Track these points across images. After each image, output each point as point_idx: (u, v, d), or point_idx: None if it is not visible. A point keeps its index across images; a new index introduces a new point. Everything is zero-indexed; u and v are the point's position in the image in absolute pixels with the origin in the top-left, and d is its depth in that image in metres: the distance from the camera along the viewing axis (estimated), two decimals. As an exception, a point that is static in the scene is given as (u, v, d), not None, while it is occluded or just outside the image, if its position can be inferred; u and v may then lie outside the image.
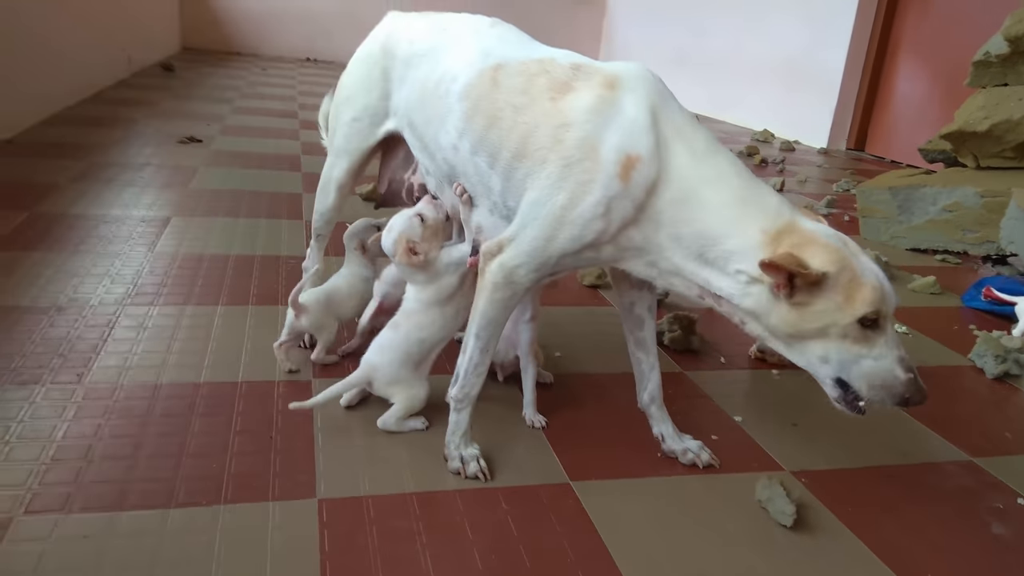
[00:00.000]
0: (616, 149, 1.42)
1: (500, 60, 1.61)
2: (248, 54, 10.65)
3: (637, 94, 1.47)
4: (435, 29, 1.79)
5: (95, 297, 2.29)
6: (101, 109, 5.34)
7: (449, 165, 1.69)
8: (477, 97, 1.59)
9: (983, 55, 3.74)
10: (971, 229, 3.61)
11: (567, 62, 1.56)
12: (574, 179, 1.44)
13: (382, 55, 1.86)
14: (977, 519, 1.68)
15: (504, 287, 1.53)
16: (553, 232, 1.47)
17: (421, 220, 1.76)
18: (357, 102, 1.92)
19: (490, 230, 1.65)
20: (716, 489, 1.68)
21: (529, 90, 1.53)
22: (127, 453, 1.57)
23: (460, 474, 1.61)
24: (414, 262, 1.76)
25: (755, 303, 1.40)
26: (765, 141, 7.22)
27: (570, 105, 1.48)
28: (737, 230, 1.40)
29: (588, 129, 1.44)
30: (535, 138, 1.49)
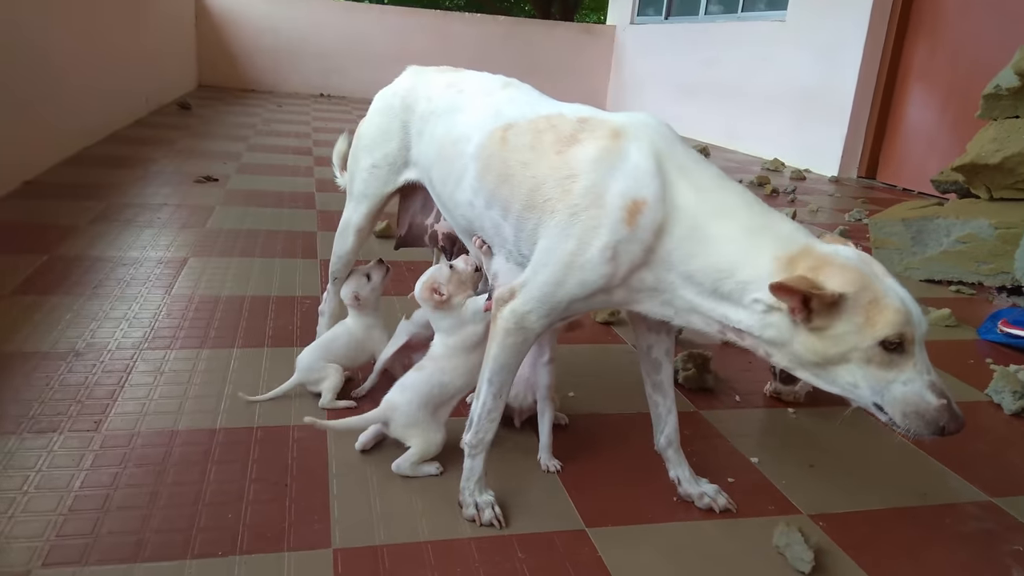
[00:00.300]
0: (621, 195, 1.45)
1: (510, 120, 1.66)
2: (264, 91, 10.83)
3: (640, 141, 1.49)
4: (452, 89, 1.85)
5: (113, 342, 2.32)
6: (119, 149, 5.44)
7: (467, 220, 1.75)
8: (488, 156, 1.65)
9: (994, 88, 3.75)
10: (985, 260, 3.59)
11: (574, 116, 1.60)
12: (581, 226, 1.47)
13: (402, 109, 1.93)
14: (998, 563, 1.65)
15: (516, 332, 1.55)
16: (562, 277, 1.49)
17: (451, 268, 1.85)
18: (376, 151, 1.98)
19: (506, 276, 1.69)
20: (733, 535, 1.67)
21: (537, 146, 1.58)
22: (144, 503, 1.58)
23: (475, 521, 1.61)
24: (435, 300, 1.82)
25: (776, 332, 1.38)
26: (776, 170, 7.24)
27: (575, 157, 1.51)
28: (749, 260, 1.39)
29: (593, 178, 1.47)
30: (543, 190, 1.53)
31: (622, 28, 11.80)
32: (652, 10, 11.11)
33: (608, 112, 1.62)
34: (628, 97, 11.47)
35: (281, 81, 11.01)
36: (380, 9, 11.88)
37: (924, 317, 1.37)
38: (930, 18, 6.62)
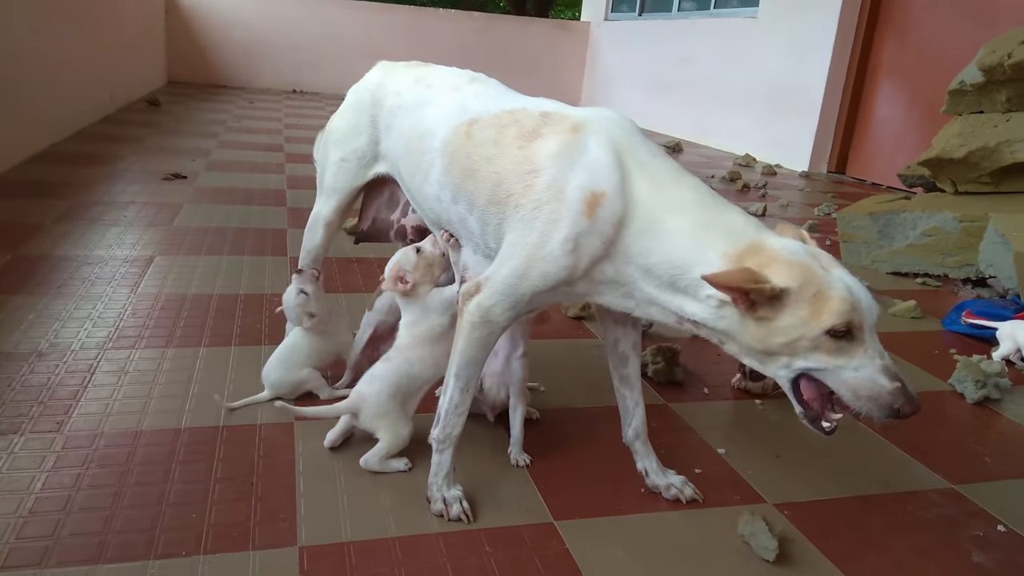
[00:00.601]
0: (581, 188, 1.46)
1: (475, 115, 1.66)
2: (235, 87, 10.72)
3: (600, 135, 1.51)
4: (420, 84, 1.85)
5: (76, 342, 2.29)
6: (86, 146, 5.36)
7: (435, 213, 1.76)
8: (453, 151, 1.65)
9: (958, 84, 3.81)
10: (951, 253, 3.65)
11: (537, 111, 1.61)
12: (543, 219, 1.48)
13: (371, 104, 1.93)
14: (958, 548, 1.68)
15: (481, 326, 1.56)
16: (525, 270, 1.50)
17: (418, 251, 1.84)
18: (346, 145, 1.99)
19: (475, 268, 1.70)
20: (700, 525, 1.68)
21: (500, 141, 1.58)
22: (106, 504, 1.56)
23: (443, 516, 1.61)
24: (399, 290, 1.83)
25: (728, 324, 1.41)
26: (747, 165, 7.30)
27: (537, 152, 1.52)
28: (700, 256, 1.41)
29: (554, 173, 1.49)
30: (506, 185, 1.54)
31: (596, 24, 11.83)
32: (626, 6, 11.14)
33: (571, 107, 1.62)
34: (602, 93, 11.51)
35: (253, 77, 10.91)
36: (353, 4, 11.78)
37: (875, 303, 1.39)
38: (899, 15, 6.70)
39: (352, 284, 3.02)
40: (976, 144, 3.56)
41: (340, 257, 3.30)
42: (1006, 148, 3.49)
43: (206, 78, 10.66)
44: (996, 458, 2.10)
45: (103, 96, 6.74)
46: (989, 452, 2.13)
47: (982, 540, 1.72)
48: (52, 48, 5.23)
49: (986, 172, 3.62)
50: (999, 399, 2.45)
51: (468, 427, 1.97)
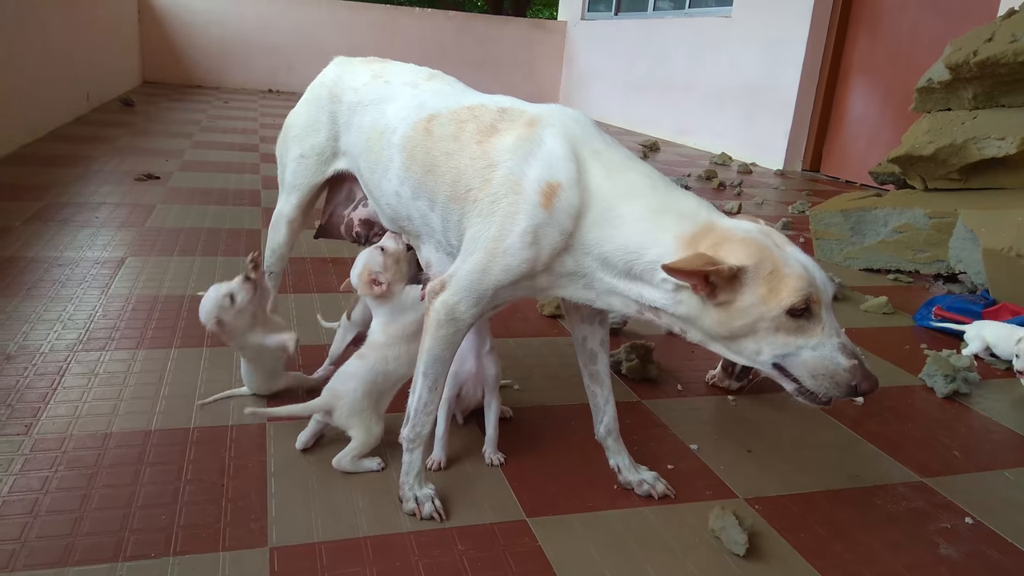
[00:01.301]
0: (537, 180, 1.46)
1: (433, 111, 1.67)
2: (210, 87, 10.63)
3: (555, 127, 1.52)
4: (378, 80, 1.85)
5: (46, 344, 2.26)
6: (59, 147, 5.29)
7: (392, 209, 1.76)
8: (413, 147, 1.66)
9: (926, 82, 3.86)
10: (921, 249, 3.70)
11: (495, 106, 1.62)
12: (502, 213, 1.48)
13: (329, 99, 1.93)
14: (926, 540, 1.71)
15: (447, 324, 1.56)
16: (487, 264, 1.50)
17: (383, 251, 1.83)
18: (305, 141, 1.97)
19: (437, 265, 1.71)
20: (671, 520, 1.69)
21: (459, 136, 1.59)
22: (74, 506, 1.54)
23: (416, 515, 1.61)
24: (376, 292, 1.82)
25: (687, 309, 1.40)
26: (724, 164, 7.35)
27: (494, 147, 1.53)
28: (654, 240, 1.41)
29: (511, 166, 1.49)
30: (464, 180, 1.55)
31: (573, 23, 11.86)
32: (602, 6, 11.18)
33: (528, 103, 1.63)
34: (580, 92, 11.54)
35: (228, 77, 10.82)
36: (330, 4, 11.71)
37: (830, 281, 1.41)
38: (870, 14, 6.78)
39: (327, 284, 3.00)
40: (944, 141, 3.61)
41: (315, 257, 3.29)
42: (973, 145, 3.54)
43: (181, 78, 10.56)
44: (965, 451, 2.13)
45: (77, 97, 6.66)
46: (958, 446, 2.16)
47: (950, 532, 1.74)
48: (21, 47, 5.15)
49: (954, 169, 3.67)
50: (968, 393, 2.49)
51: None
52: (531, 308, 2.92)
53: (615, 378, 2.38)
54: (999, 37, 3.52)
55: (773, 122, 7.41)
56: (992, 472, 2.02)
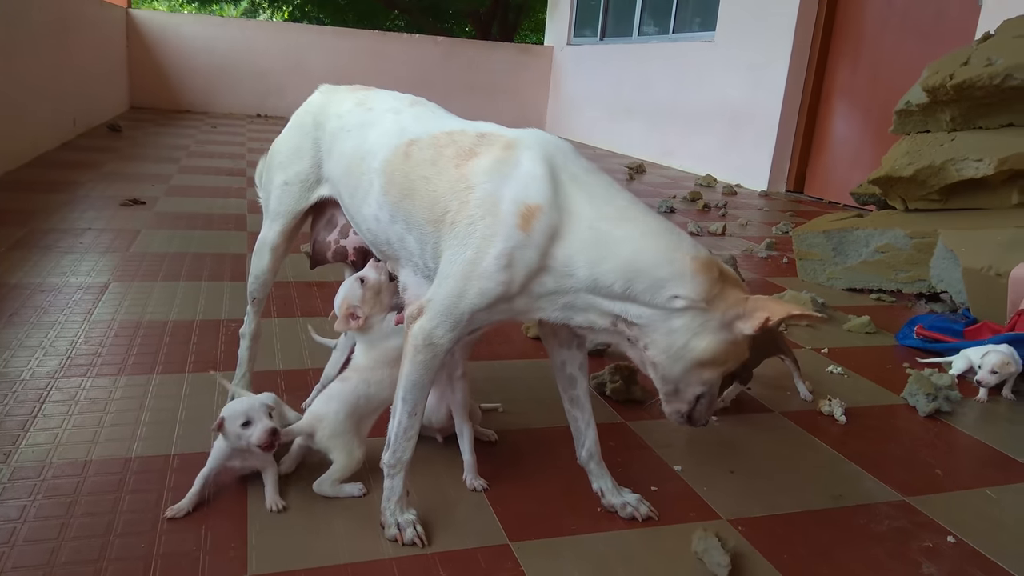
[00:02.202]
0: (514, 201, 1.47)
1: (413, 136, 1.69)
2: (198, 111, 10.66)
3: (532, 150, 1.54)
4: (361, 107, 1.86)
5: (27, 371, 2.25)
6: (44, 173, 5.29)
7: (372, 234, 1.77)
8: (392, 171, 1.67)
9: (905, 104, 3.92)
10: (903, 269, 3.73)
11: (474, 131, 1.63)
12: (478, 235, 1.49)
13: (313, 127, 1.93)
14: (908, 560, 1.71)
15: (424, 349, 1.56)
16: (463, 288, 1.51)
17: (362, 283, 1.83)
18: (289, 168, 1.98)
19: (415, 288, 1.71)
20: (654, 543, 1.69)
21: (438, 161, 1.60)
22: (52, 536, 1.53)
23: (397, 541, 1.60)
24: (353, 327, 1.82)
25: (683, 325, 1.47)
26: (708, 186, 7.41)
27: (472, 169, 1.55)
28: (666, 258, 1.46)
29: (488, 188, 1.51)
30: (442, 203, 1.56)
31: (559, 48, 11.98)
32: (588, 31, 11.31)
33: (507, 128, 1.65)
34: (566, 116, 11.63)
35: (216, 102, 10.86)
36: (318, 30, 11.82)
37: None
38: (851, 38, 6.89)
39: (312, 308, 3.00)
40: (923, 163, 3.66)
41: (299, 281, 3.29)
42: (952, 166, 3.59)
43: (169, 103, 10.59)
44: (947, 470, 2.14)
45: (63, 122, 6.67)
46: (940, 464, 2.17)
47: (932, 551, 1.75)
48: (8, 74, 5.16)
49: (934, 190, 3.72)
50: (950, 412, 2.51)
51: (422, 450, 1.97)
52: (515, 330, 2.92)
53: (599, 399, 2.38)
54: (975, 60, 3.58)
55: (757, 144, 7.49)
56: (974, 491, 2.03)
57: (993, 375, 2.60)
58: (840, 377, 2.76)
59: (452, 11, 18.33)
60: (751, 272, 4.14)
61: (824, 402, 2.45)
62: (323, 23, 17.69)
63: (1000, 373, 2.60)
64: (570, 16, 11.68)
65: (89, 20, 7.84)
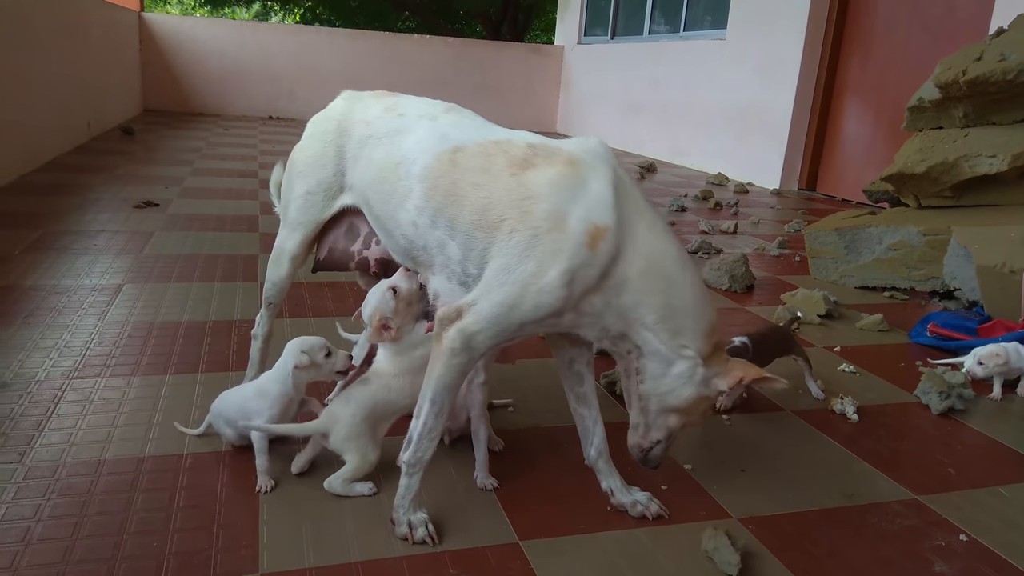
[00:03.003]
0: (584, 220, 1.50)
1: (458, 143, 1.68)
2: (211, 114, 10.73)
3: (599, 171, 1.56)
4: (391, 113, 1.84)
5: (41, 371, 2.27)
6: (58, 176, 5.34)
7: (407, 240, 1.73)
8: (436, 177, 1.65)
9: (917, 101, 3.90)
10: (916, 266, 3.71)
11: (523, 141, 1.65)
12: (543, 249, 1.50)
13: (337, 134, 1.90)
14: (921, 558, 1.70)
15: (462, 352, 1.56)
16: (518, 299, 1.51)
17: (395, 293, 1.79)
18: (311, 177, 1.94)
19: (447, 296, 1.69)
20: (664, 541, 1.69)
21: (489, 168, 1.60)
22: (66, 534, 1.55)
23: (408, 540, 1.61)
24: (386, 339, 1.80)
25: (679, 372, 1.59)
26: (720, 184, 7.39)
27: (533, 180, 1.55)
28: (698, 314, 1.58)
29: (555, 201, 1.51)
30: (497, 210, 1.56)
31: (570, 48, 11.97)
32: (599, 30, 11.29)
33: (555, 140, 1.67)
34: (577, 115, 11.62)
35: (228, 104, 10.92)
36: (329, 31, 11.86)
37: None
38: (862, 35, 6.85)
39: (323, 308, 3.02)
40: (936, 159, 3.64)
41: (310, 282, 3.30)
42: (965, 163, 3.57)
43: (182, 106, 10.66)
44: (959, 468, 2.12)
45: (77, 126, 6.73)
46: (953, 462, 2.16)
47: (944, 550, 1.74)
48: (20, 78, 5.22)
49: (947, 186, 3.69)
50: (963, 409, 2.49)
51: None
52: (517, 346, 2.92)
53: (610, 398, 2.39)
54: (988, 56, 3.55)
55: (768, 142, 7.45)
56: (987, 489, 2.02)
57: (980, 366, 2.62)
58: (852, 375, 2.74)
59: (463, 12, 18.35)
60: (763, 271, 4.12)
61: (836, 400, 2.44)
62: (334, 25, 17.76)
63: (987, 365, 2.62)
64: (581, 15, 11.66)
65: (102, 24, 7.91)
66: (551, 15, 16.08)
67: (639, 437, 1.72)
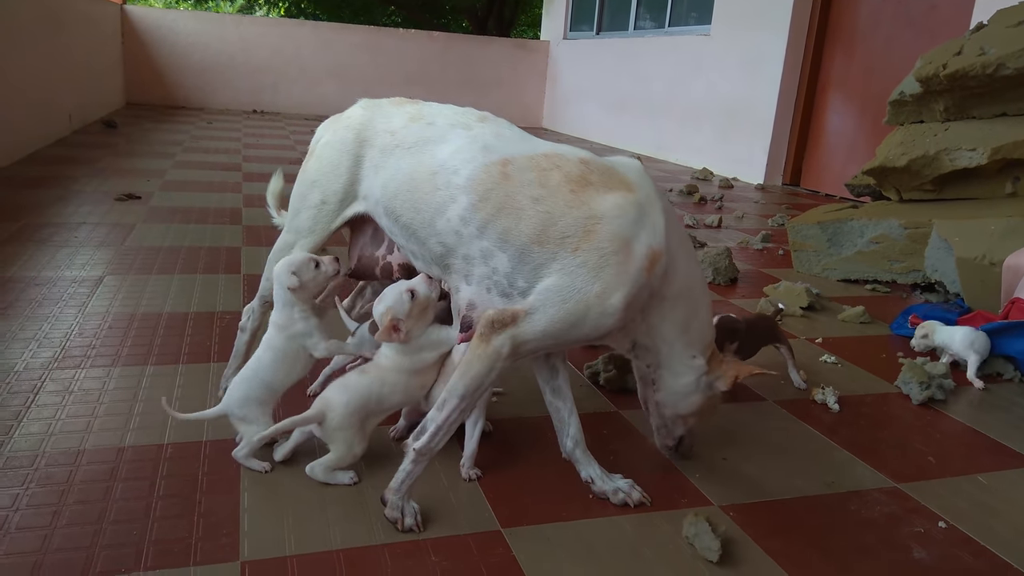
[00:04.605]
0: (646, 245, 1.59)
1: (505, 155, 1.67)
2: (194, 108, 10.64)
3: (654, 200, 1.65)
4: (419, 122, 1.81)
5: (20, 363, 2.25)
6: (38, 168, 5.28)
7: (446, 247, 1.70)
8: (487, 189, 1.63)
9: (898, 95, 3.93)
10: (897, 259, 3.74)
11: (574, 156, 1.68)
12: (610, 271, 1.56)
13: (356, 143, 1.87)
14: (900, 545, 1.72)
15: (509, 358, 1.58)
16: (581, 318, 1.57)
17: (412, 296, 1.75)
18: (327, 186, 1.91)
19: (483, 306, 1.67)
20: (646, 528, 1.70)
21: (546, 183, 1.62)
22: (44, 523, 1.53)
23: (397, 524, 1.60)
24: (394, 339, 1.76)
25: (686, 383, 1.76)
26: (705, 179, 7.41)
27: (595, 200, 1.60)
28: (707, 330, 1.77)
29: (620, 224, 1.58)
30: (560, 226, 1.58)
31: (555, 43, 11.97)
32: (584, 25, 11.29)
33: (600, 157, 1.72)
34: (563, 110, 11.63)
35: (212, 98, 10.83)
36: (313, 25, 11.78)
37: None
38: (845, 31, 6.89)
39: (306, 300, 3.00)
40: (917, 153, 3.67)
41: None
42: (945, 156, 3.60)
43: (165, 99, 10.57)
44: (939, 457, 2.15)
45: (58, 119, 6.65)
46: (932, 451, 2.18)
47: (923, 536, 1.76)
48: (3, 72, 5.15)
49: (928, 180, 3.72)
50: (944, 399, 2.51)
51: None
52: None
53: (593, 388, 2.39)
54: (968, 50, 3.58)
55: (752, 137, 7.49)
56: (966, 477, 2.04)
57: (919, 340, 2.86)
58: (834, 366, 2.76)
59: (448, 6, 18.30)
60: (747, 264, 4.14)
61: (817, 390, 2.46)
62: (319, 19, 17.66)
63: (917, 344, 2.85)
64: (566, 11, 11.66)
65: (84, 16, 7.82)
66: (537, 10, 16.07)
67: (664, 438, 1.92)
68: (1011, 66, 3.40)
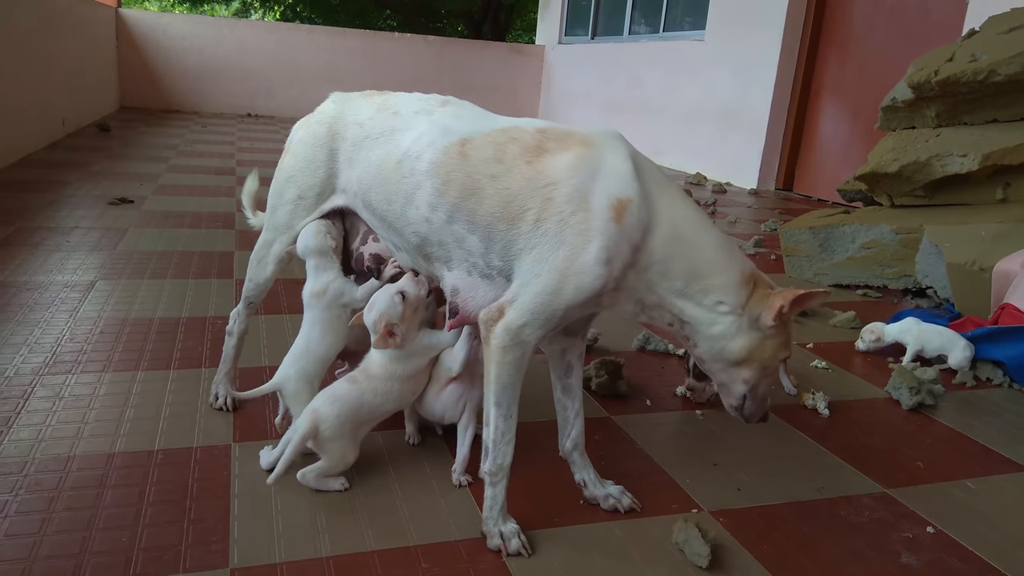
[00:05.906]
0: (606, 195, 1.51)
1: (463, 135, 1.66)
2: (189, 111, 10.64)
3: (615, 149, 1.58)
4: (385, 112, 1.81)
5: (11, 368, 2.24)
6: (32, 172, 5.27)
7: (420, 237, 1.70)
8: (448, 172, 1.63)
9: (890, 101, 3.95)
10: (889, 264, 3.75)
11: (531, 128, 1.64)
12: (572, 232, 1.50)
13: (329, 137, 1.87)
14: (889, 550, 1.72)
15: (513, 348, 1.55)
16: (558, 286, 1.51)
17: (403, 298, 1.75)
18: (303, 181, 1.91)
19: (467, 290, 1.67)
20: (636, 534, 1.70)
21: (503, 158, 1.59)
22: (33, 530, 1.53)
23: (501, 552, 1.58)
24: (391, 345, 1.76)
25: (723, 329, 1.60)
26: (699, 184, 7.44)
27: (550, 166, 1.55)
28: (723, 269, 1.59)
29: (575, 183, 1.52)
30: (519, 201, 1.55)
31: (551, 48, 11.99)
32: (579, 30, 11.32)
33: (563, 124, 1.67)
34: (558, 115, 11.64)
35: (206, 102, 10.83)
36: (308, 29, 11.79)
37: None
38: (839, 36, 6.92)
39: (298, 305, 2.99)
40: (908, 159, 3.68)
41: (286, 279, 3.28)
42: (937, 162, 3.62)
43: (159, 103, 10.56)
44: (928, 462, 2.15)
45: (52, 122, 6.64)
46: (921, 456, 2.19)
47: (911, 542, 1.76)
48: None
49: (919, 185, 3.74)
50: (933, 405, 2.53)
51: (406, 445, 1.99)
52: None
53: (584, 394, 2.39)
54: (959, 57, 3.61)
55: (746, 142, 7.51)
56: (954, 482, 2.05)
57: (861, 341, 2.99)
58: (825, 372, 2.77)
59: (444, 11, 18.31)
60: (739, 269, 4.14)
61: (808, 396, 2.47)
62: (314, 23, 17.67)
63: (865, 340, 2.97)
64: (561, 15, 11.69)
65: (78, 20, 7.82)
66: (532, 15, 16.09)
67: (727, 397, 1.74)
68: (1002, 72, 3.42)
